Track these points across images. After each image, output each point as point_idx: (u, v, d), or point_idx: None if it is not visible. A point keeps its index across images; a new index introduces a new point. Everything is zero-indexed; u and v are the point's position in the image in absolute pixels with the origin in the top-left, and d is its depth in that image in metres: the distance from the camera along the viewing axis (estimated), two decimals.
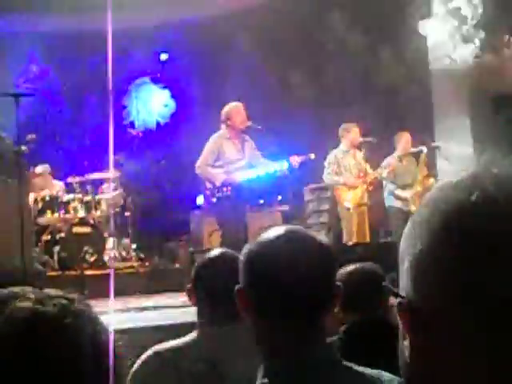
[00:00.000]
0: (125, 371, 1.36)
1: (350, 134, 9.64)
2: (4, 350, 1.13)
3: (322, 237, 1.76)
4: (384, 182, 10.07)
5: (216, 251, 2.91)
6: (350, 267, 3.26)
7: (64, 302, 1.22)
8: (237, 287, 1.75)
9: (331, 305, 1.72)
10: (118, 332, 1.37)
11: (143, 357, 2.67)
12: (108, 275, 8.86)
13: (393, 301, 1.59)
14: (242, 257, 1.75)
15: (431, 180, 10.13)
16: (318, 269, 1.68)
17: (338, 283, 1.73)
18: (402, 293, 0.92)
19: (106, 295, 7.33)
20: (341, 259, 1.78)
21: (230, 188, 8.26)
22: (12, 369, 1.12)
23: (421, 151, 10.15)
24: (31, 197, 8.96)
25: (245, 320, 2.53)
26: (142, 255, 10.51)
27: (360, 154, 9.72)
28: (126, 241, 10.69)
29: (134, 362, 2.63)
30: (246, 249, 1.75)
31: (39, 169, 10.48)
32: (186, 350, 2.62)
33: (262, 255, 1.70)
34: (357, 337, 2.89)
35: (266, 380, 1.62)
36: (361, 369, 1.71)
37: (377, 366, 1.77)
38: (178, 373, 2.55)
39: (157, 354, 2.66)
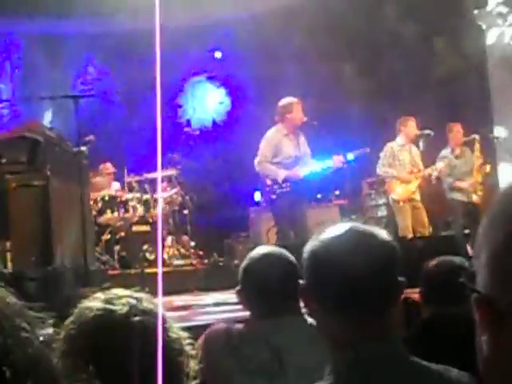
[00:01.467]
0: (190, 367, 1.37)
1: (407, 127, 9.57)
2: (74, 348, 1.16)
3: (384, 232, 1.75)
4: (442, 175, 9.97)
5: (260, 250, 2.90)
6: (436, 259, 3.24)
7: (132, 301, 1.25)
8: (300, 284, 1.75)
9: (396, 300, 1.71)
10: (181, 329, 1.39)
11: (214, 328, 2.69)
12: (168, 273, 8.94)
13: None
14: (305, 254, 1.75)
15: (488, 167, 10.02)
16: (382, 264, 1.67)
17: (401, 278, 1.72)
18: (479, 288, 0.91)
19: (167, 293, 7.41)
20: (401, 253, 1.76)
21: (289, 184, 8.26)
22: (81, 365, 1.15)
23: (474, 139, 10.03)
24: (91, 197, 9.08)
25: (301, 314, 2.55)
26: (200, 252, 10.57)
27: (416, 150, 9.64)
28: (185, 238, 10.76)
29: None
30: (309, 246, 1.75)
31: (101, 168, 10.63)
32: (249, 337, 2.64)
33: (326, 252, 1.70)
34: (436, 329, 2.86)
35: (330, 380, 1.62)
36: (428, 364, 1.70)
37: (450, 360, 1.75)
38: (241, 357, 2.56)
39: (227, 330, 2.69)
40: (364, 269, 1.64)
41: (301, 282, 1.75)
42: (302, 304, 1.77)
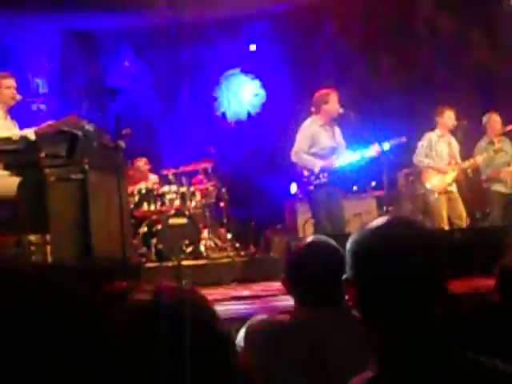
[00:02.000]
0: (238, 358, 1.38)
1: (444, 118, 9.50)
2: (123, 339, 1.17)
3: (428, 223, 1.75)
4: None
5: (308, 239, 2.92)
6: None
7: (181, 293, 1.25)
8: (344, 277, 1.75)
9: (443, 290, 1.70)
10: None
11: (256, 319, 2.70)
12: (205, 265, 8.97)
13: None
14: (349, 244, 1.75)
15: None
16: (426, 255, 1.66)
17: (446, 269, 1.71)
18: None
19: (204, 285, 7.44)
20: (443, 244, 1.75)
21: (326, 175, 8.24)
22: (129, 357, 1.16)
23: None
24: (128, 190, 9.14)
25: (344, 305, 2.55)
26: (237, 244, 10.58)
27: (455, 142, 9.57)
28: (222, 231, 10.79)
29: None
30: (354, 236, 1.75)
31: (137, 162, 10.70)
32: (290, 329, 2.65)
33: (371, 243, 1.69)
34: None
35: (375, 370, 1.62)
36: (480, 359, 1.68)
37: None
38: (282, 348, 2.57)
39: (269, 320, 2.70)
40: (408, 260, 1.64)
41: (345, 273, 1.75)
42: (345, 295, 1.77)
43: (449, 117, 9.50)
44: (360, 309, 1.72)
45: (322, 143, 8.40)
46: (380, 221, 1.73)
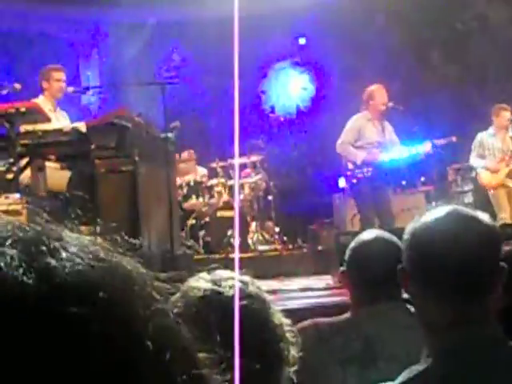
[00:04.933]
0: (290, 354, 1.38)
1: (499, 117, 9.51)
2: (179, 327, 1.17)
3: (487, 216, 1.72)
4: None
5: (370, 233, 2.89)
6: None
7: (238, 283, 1.25)
8: (399, 266, 1.73)
9: (496, 284, 1.68)
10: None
11: (301, 324, 2.67)
12: (252, 258, 8.99)
13: None
14: (406, 236, 1.73)
15: None
16: (486, 248, 1.64)
17: (503, 264, 1.69)
18: None
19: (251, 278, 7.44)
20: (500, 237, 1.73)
21: (370, 169, 8.22)
22: (184, 345, 1.15)
23: None
24: (177, 182, 9.19)
25: (400, 300, 2.52)
26: (285, 238, 10.58)
27: (510, 136, 9.52)
28: (270, 224, 10.79)
29: None
30: (410, 228, 1.73)
31: (184, 155, 10.75)
32: (341, 328, 2.63)
33: (428, 234, 1.68)
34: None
35: (426, 363, 1.60)
36: None
37: None
38: (332, 348, 2.56)
39: (315, 324, 2.68)
40: (467, 252, 1.62)
41: (400, 265, 1.73)
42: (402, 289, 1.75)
43: (504, 116, 9.48)
44: (414, 300, 1.70)
45: (369, 137, 8.39)
46: (439, 212, 1.71)
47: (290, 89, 14.11)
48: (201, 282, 1.25)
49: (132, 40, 13.11)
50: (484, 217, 1.70)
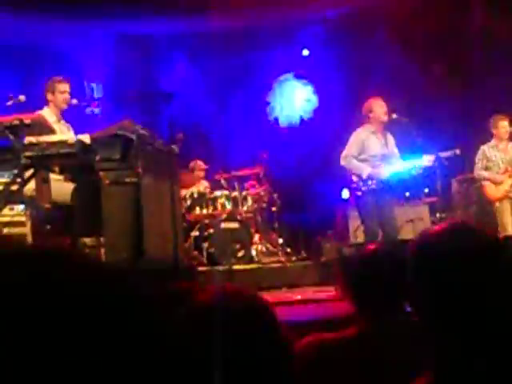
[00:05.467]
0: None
1: (498, 129, 9.51)
2: (184, 340, 1.17)
3: (490, 231, 1.72)
4: None
5: (374, 245, 2.89)
6: None
7: (247, 298, 1.25)
8: (406, 281, 1.73)
9: (501, 297, 1.67)
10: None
11: (304, 343, 2.65)
12: (256, 270, 8.99)
13: None
14: (411, 250, 1.74)
15: None
16: (487, 260, 1.64)
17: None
18: None
19: (254, 289, 7.43)
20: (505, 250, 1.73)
21: (375, 182, 8.23)
22: (189, 357, 1.16)
23: None
24: (181, 194, 9.21)
25: (404, 313, 2.52)
26: (288, 249, 10.58)
27: (511, 146, 9.50)
28: (273, 235, 10.80)
29: None
30: (415, 243, 1.74)
31: (190, 166, 10.78)
32: (346, 342, 2.61)
33: (433, 249, 1.68)
34: None
35: (431, 376, 1.60)
36: None
37: None
38: (338, 363, 2.54)
39: (318, 340, 2.66)
40: (467, 267, 1.62)
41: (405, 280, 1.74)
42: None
43: (502, 127, 9.48)
44: (420, 313, 1.71)
45: (373, 150, 8.40)
46: (443, 226, 1.72)
47: (294, 100, 14.14)
48: (206, 295, 1.25)
49: (136, 51, 13.15)
50: (485, 232, 1.71)
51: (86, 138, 6.34)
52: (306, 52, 13.88)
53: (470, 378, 1.59)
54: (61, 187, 6.62)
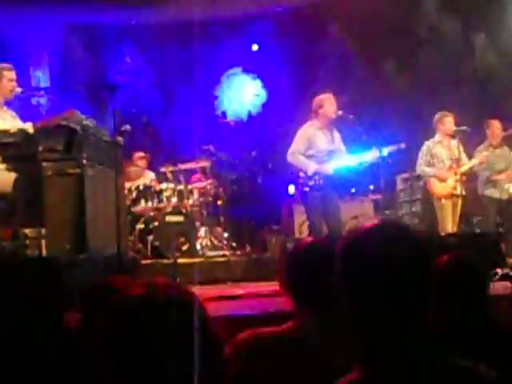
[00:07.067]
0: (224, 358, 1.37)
1: (443, 124, 9.51)
2: (111, 335, 1.16)
3: (418, 228, 1.74)
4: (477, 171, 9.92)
5: (306, 240, 2.89)
6: (445, 256, 3.19)
7: (172, 291, 1.25)
8: (333, 279, 1.73)
9: (428, 297, 1.68)
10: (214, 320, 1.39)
11: (240, 339, 2.63)
12: (201, 264, 8.96)
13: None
14: (337, 249, 1.74)
15: None
16: (413, 260, 1.65)
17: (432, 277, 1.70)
18: None
19: (198, 283, 7.43)
20: (433, 250, 1.74)
21: (321, 178, 8.27)
22: (116, 352, 1.15)
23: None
24: (126, 186, 9.14)
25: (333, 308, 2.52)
26: (233, 244, 10.58)
27: (454, 144, 9.54)
28: (218, 229, 10.79)
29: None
30: (342, 240, 1.74)
31: (135, 158, 10.69)
32: (281, 336, 2.60)
33: (357, 247, 1.69)
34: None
35: (359, 373, 1.61)
36: (466, 364, 1.68)
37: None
38: (276, 358, 2.53)
39: (256, 335, 2.64)
40: (393, 265, 1.63)
41: (332, 277, 1.74)
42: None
43: (448, 122, 9.50)
44: (346, 311, 1.71)
45: (319, 146, 8.43)
46: (368, 225, 1.73)
47: (242, 95, 14.14)
48: (135, 289, 1.24)
49: (84, 41, 13.01)
50: (414, 229, 1.72)
51: (28, 128, 6.25)
52: (255, 46, 13.89)
53: (395, 374, 1.60)
54: (3, 177, 6.51)
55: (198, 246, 9.81)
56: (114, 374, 1.15)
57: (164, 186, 10.06)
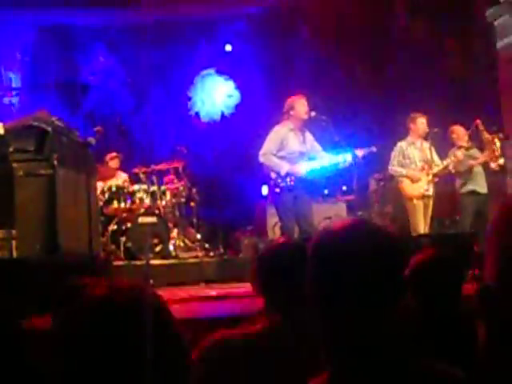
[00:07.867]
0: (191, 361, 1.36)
1: (416, 125, 9.55)
2: (76, 336, 1.15)
3: (389, 228, 1.73)
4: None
5: (278, 240, 2.90)
6: (420, 255, 3.20)
7: (135, 291, 1.24)
8: (304, 278, 1.73)
9: (399, 297, 1.68)
10: (183, 322, 1.38)
11: (210, 341, 2.61)
12: (173, 265, 8.94)
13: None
14: (308, 249, 1.73)
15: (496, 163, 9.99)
16: (383, 261, 1.65)
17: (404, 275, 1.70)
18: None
19: (171, 285, 7.41)
20: (405, 250, 1.74)
21: (293, 179, 8.27)
22: (81, 354, 1.14)
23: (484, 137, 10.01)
24: (98, 187, 9.09)
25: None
26: (206, 245, 10.57)
27: (427, 145, 9.59)
28: (191, 230, 10.77)
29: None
30: (312, 241, 1.74)
31: (106, 159, 10.64)
32: (251, 337, 2.59)
33: (326, 247, 1.68)
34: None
35: (326, 375, 1.61)
36: (431, 363, 1.68)
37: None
38: (247, 360, 2.51)
39: (223, 336, 2.63)
40: (363, 264, 1.63)
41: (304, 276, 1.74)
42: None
43: (421, 123, 9.54)
44: (314, 310, 1.71)
45: (291, 147, 8.43)
46: (337, 225, 1.72)
47: (215, 96, 14.12)
48: (97, 290, 1.23)
49: (56, 41, 12.93)
50: (385, 229, 1.72)
51: None
52: (228, 47, 13.88)
53: (366, 375, 1.60)
54: None
55: (171, 248, 9.78)
56: (75, 376, 1.14)
57: (137, 187, 10.03)
